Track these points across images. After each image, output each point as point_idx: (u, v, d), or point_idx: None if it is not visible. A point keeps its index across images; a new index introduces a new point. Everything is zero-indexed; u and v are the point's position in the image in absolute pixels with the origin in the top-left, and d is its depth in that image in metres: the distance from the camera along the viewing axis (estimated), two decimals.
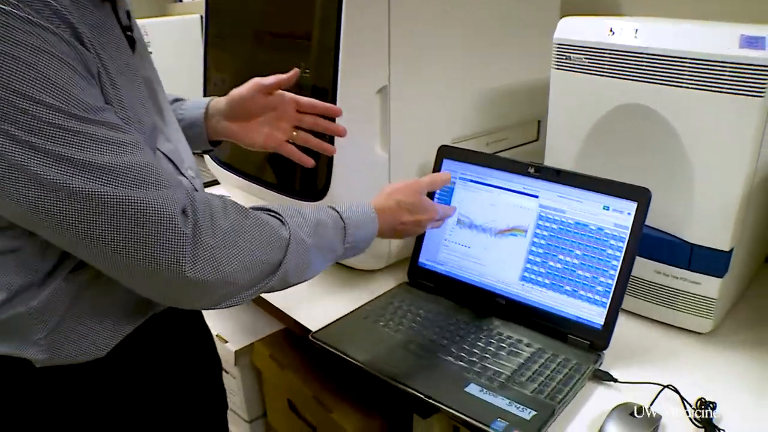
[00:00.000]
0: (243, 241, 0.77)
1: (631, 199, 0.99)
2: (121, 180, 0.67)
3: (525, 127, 1.43)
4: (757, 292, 1.20)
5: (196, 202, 0.74)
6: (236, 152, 1.36)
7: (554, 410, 0.88)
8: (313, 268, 0.87)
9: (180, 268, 0.71)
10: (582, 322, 1.02)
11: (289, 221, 0.84)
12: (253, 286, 0.79)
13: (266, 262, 0.80)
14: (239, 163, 1.37)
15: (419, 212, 1.03)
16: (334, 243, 0.89)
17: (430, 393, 0.92)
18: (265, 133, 1.08)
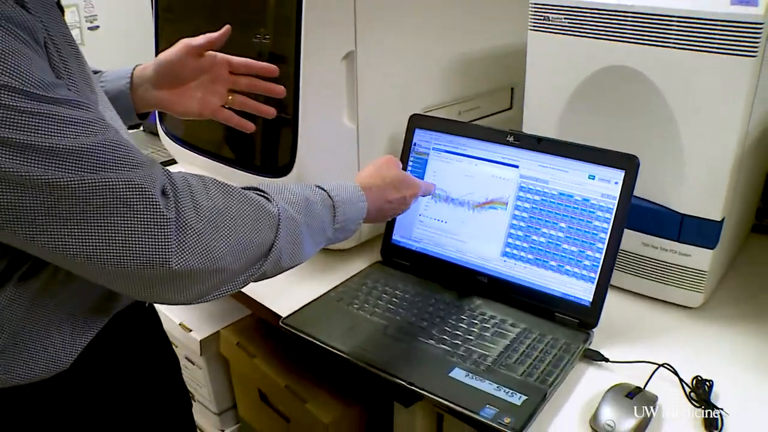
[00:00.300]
0: (230, 222, 0.69)
1: (618, 168, 0.93)
2: (88, 163, 0.59)
3: (498, 94, 1.36)
4: (746, 263, 1.16)
5: (175, 180, 0.66)
6: (193, 128, 1.27)
7: (546, 394, 0.83)
8: (306, 250, 0.79)
9: (165, 258, 0.62)
10: (569, 299, 0.96)
11: (276, 198, 0.76)
12: (244, 271, 0.72)
13: (257, 243, 0.71)
14: (197, 140, 1.28)
15: (405, 188, 0.96)
16: (325, 223, 0.82)
17: (412, 380, 0.86)
18: (198, 98, 0.98)
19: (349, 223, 0.86)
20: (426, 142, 1.09)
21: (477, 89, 1.31)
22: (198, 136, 1.28)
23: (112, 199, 0.60)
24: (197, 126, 1.27)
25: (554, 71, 1.03)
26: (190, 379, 1.50)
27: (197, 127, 1.28)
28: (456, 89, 1.26)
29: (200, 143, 1.27)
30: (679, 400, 0.84)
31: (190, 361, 1.43)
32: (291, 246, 0.76)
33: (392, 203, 0.94)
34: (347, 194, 0.86)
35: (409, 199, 0.97)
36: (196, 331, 1.37)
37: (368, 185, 0.91)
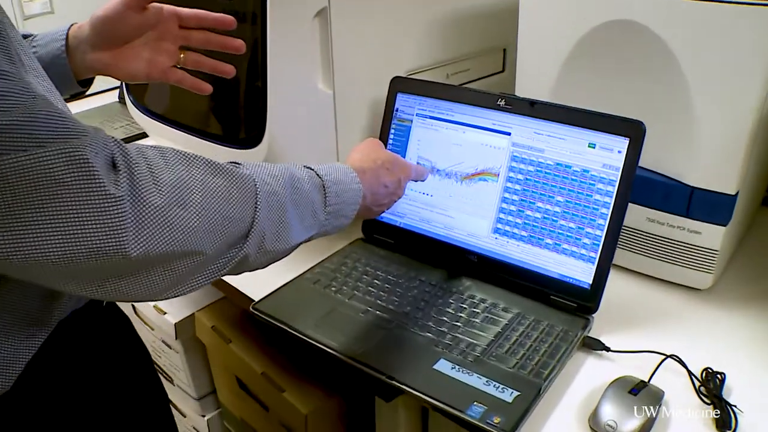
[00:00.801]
0: (198, 194, 0.58)
1: (621, 135, 0.83)
2: (11, 140, 0.48)
3: (489, 56, 1.26)
4: (756, 240, 1.06)
5: (128, 151, 0.55)
6: (161, 96, 1.17)
7: (540, 389, 0.74)
8: (294, 233, 0.68)
9: (120, 245, 0.52)
10: (567, 280, 0.87)
11: (253, 168, 0.66)
12: (223, 254, 0.61)
13: (234, 218, 0.61)
14: (164, 109, 1.18)
15: (398, 169, 0.86)
16: (315, 204, 0.71)
17: (392, 373, 0.77)
18: (145, 59, 0.86)
19: (344, 207, 0.75)
20: (409, 108, 1.00)
21: (466, 50, 1.20)
22: (165, 105, 1.17)
23: (45, 178, 0.49)
24: (164, 94, 1.18)
25: (549, 27, 0.93)
26: (168, 363, 1.42)
27: (164, 95, 1.18)
28: (444, 50, 1.16)
29: (168, 113, 1.16)
30: (687, 396, 0.76)
31: (166, 344, 1.35)
32: (275, 225, 0.65)
33: (388, 187, 0.84)
34: (338, 174, 0.76)
35: (403, 182, 0.88)
36: (170, 313, 1.28)
37: (360, 168, 0.80)
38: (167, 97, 1.17)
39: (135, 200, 0.53)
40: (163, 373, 1.47)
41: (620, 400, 0.72)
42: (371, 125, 1.06)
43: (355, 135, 1.06)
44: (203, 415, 1.41)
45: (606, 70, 0.90)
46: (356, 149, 0.88)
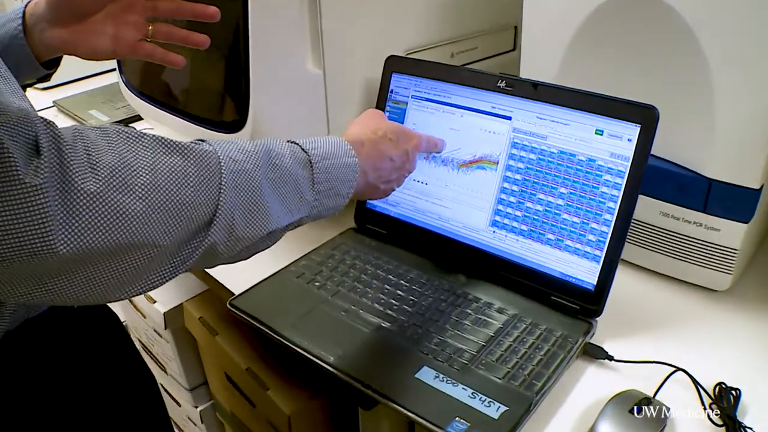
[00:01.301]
0: (146, 176, 0.50)
1: (632, 121, 0.74)
2: None
3: (499, 34, 1.17)
4: None
5: (59, 133, 0.48)
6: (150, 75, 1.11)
7: (531, 404, 0.67)
8: (273, 217, 0.60)
9: (44, 241, 0.45)
10: (569, 280, 0.80)
11: (219, 145, 0.57)
12: (182, 245, 0.53)
13: (189, 203, 0.52)
14: (152, 89, 1.12)
15: (404, 140, 0.76)
16: (300, 182, 0.62)
17: (369, 381, 0.70)
18: (109, 34, 0.78)
19: (337, 185, 0.66)
20: (405, 89, 0.92)
21: (474, 27, 1.11)
22: (156, 87, 1.11)
23: None
24: (155, 75, 1.11)
25: (556, 2, 0.84)
26: (160, 352, 1.37)
27: (155, 76, 1.12)
28: (448, 27, 1.07)
29: (158, 95, 1.10)
30: (696, 415, 0.68)
31: (157, 333, 1.30)
32: (247, 209, 0.57)
33: (394, 161, 0.74)
34: (328, 148, 0.66)
35: (412, 154, 0.77)
36: (160, 302, 1.23)
37: (358, 140, 0.71)
38: (158, 79, 1.11)
39: (64, 187, 0.46)
40: (157, 361, 1.42)
41: (619, 420, 0.65)
42: (366, 107, 0.99)
43: (348, 119, 0.97)
44: (196, 406, 1.36)
45: (616, 49, 0.81)
46: (354, 121, 0.79)
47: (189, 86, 1.00)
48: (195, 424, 1.42)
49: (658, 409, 0.66)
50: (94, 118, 1.52)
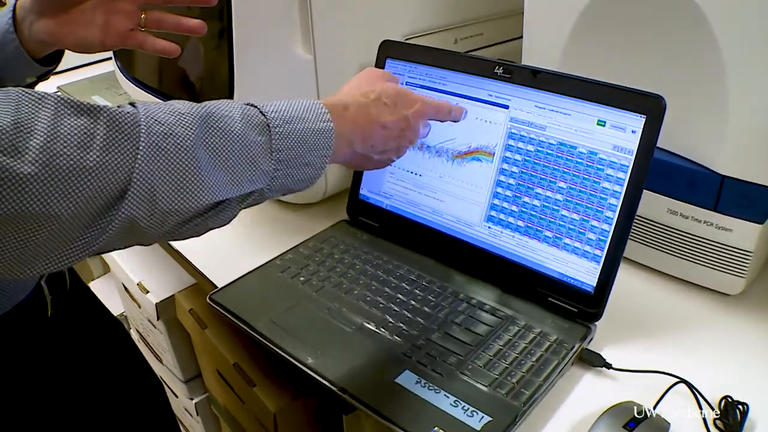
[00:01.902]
0: (39, 139, 0.44)
1: (636, 112, 0.69)
2: None
3: (506, 19, 1.11)
4: None
5: None
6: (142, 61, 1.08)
7: (517, 415, 0.62)
8: (216, 188, 0.51)
9: None
10: (567, 281, 0.74)
11: (144, 107, 0.50)
12: (90, 219, 0.46)
13: (94, 168, 0.45)
14: (143, 75, 1.08)
15: (403, 104, 0.66)
16: (254, 149, 0.54)
17: (345, 384, 0.66)
18: (99, 24, 0.72)
19: (304, 153, 0.57)
20: (399, 76, 0.87)
21: (479, 12, 1.06)
22: (149, 73, 1.08)
23: None
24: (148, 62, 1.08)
25: None
26: (155, 343, 1.34)
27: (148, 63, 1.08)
28: (451, 11, 1.02)
29: (151, 81, 1.06)
30: (699, 431, 0.62)
31: (152, 323, 1.27)
32: (173, 178, 0.49)
33: (388, 128, 0.64)
34: (294, 111, 0.57)
35: (413, 120, 0.66)
36: (152, 293, 1.20)
37: (340, 103, 0.62)
38: (149, 64, 1.07)
39: None
40: (153, 352, 1.39)
41: None
42: None
43: None
44: (191, 398, 1.33)
45: (623, 36, 0.75)
46: (348, 82, 0.70)
47: (177, 71, 0.96)
48: (191, 415, 1.39)
49: (658, 424, 0.61)
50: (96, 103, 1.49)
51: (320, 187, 0.98)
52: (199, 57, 0.91)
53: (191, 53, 0.92)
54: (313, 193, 0.99)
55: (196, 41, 0.90)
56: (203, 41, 0.89)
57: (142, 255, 1.29)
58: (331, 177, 0.97)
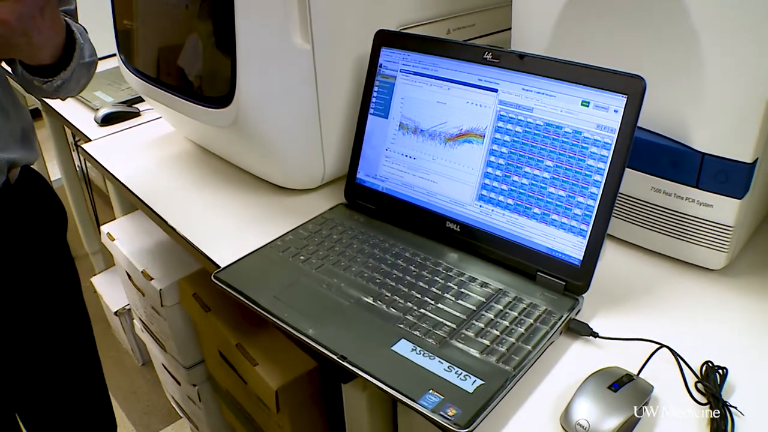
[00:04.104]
0: None
1: (618, 92, 0.72)
2: None
3: (497, 10, 1.15)
4: None
5: None
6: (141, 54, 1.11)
7: (507, 379, 0.65)
8: None
9: None
10: (555, 255, 0.78)
11: None
12: None
13: None
14: (144, 65, 1.11)
15: None
16: None
17: (345, 352, 0.69)
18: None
19: None
20: (393, 63, 0.90)
21: (470, 3, 1.10)
22: (151, 65, 1.11)
23: None
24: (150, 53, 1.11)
25: None
26: (158, 330, 1.37)
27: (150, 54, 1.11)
28: (443, 3, 1.05)
29: (152, 72, 1.09)
30: (680, 393, 0.66)
31: (155, 311, 1.30)
32: None
33: None
34: None
35: None
36: (156, 279, 1.23)
37: None
38: (152, 57, 1.10)
39: None
40: (157, 339, 1.42)
41: (598, 395, 0.63)
42: (355, 83, 0.98)
43: (339, 94, 0.97)
44: (194, 385, 1.36)
45: (606, 21, 0.79)
46: None
47: (180, 62, 0.99)
48: (194, 402, 1.42)
49: (641, 386, 0.64)
50: (98, 99, 1.53)
51: (318, 173, 1.01)
52: (201, 47, 0.94)
53: (194, 44, 0.95)
54: (311, 178, 1.02)
55: (200, 31, 0.94)
56: (206, 32, 0.93)
57: (146, 244, 1.33)
58: (329, 163, 1.01)
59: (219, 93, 0.92)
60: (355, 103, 0.98)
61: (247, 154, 1.06)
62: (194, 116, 0.99)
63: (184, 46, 0.98)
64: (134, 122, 1.46)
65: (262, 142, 0.96)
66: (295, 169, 1.01)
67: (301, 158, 0.99)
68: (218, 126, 0.96)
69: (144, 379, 2.11)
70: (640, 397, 0.63)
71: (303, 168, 1.00)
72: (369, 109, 0.93)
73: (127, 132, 1.39)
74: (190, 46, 0.97)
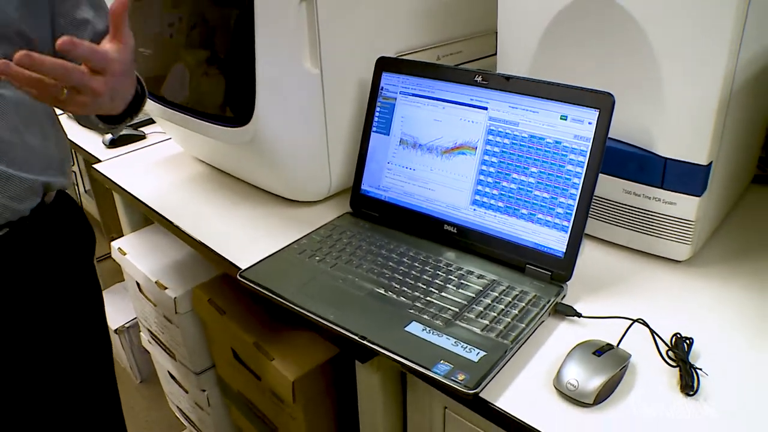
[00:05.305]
0: None
1: (591, 107, 0.85)
2: None
3: (481, 39, 1.28)
4: (744, 215, 1.08)
5: None
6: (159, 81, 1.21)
7: (506, 351, 0.76)
8: None
9: None
10: (541, 249, 0.90)
11: None
12: None
13: None
14: (161, 91, 1.22)
15: None
16: None
17: (364, 333, 0.80)
18: None
19: None
20: (393, 86, 1.02)
21: (457, 32, 1.23)
22: (168, 89, 1.21)
23: None
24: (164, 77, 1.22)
25: (527, 4, 0.95)
26: (169, 339, 1.46)
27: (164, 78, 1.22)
28: (434, 32, 1.18)
29: (169, 95, 1.20)
30: (654, 359, 0.78)
31: (167, 319, 1.39)
32: None
33: None
34: None
35: None
36: (170, 288, 1.33)
37: None
38: (169, 83, 1.21)
39: None
40: (166, 348, 1.51)
41: (584, 360, 0.74)
42: (359, 104, 1.10)
43: (344, 113, 1.09)
44: (203, 390, 1.45)
45: (579, 47, 0.92)
46: None
47: (199, 87, 1.10)
48: (202, 408, 1.51)
49: (621, 353, 0.76)
50: None
51: (325, 186, 1.13)
52: (220, 74, 1.05)
53: (213, 71, 1.06)
54: (318, 191, 1.14)
55: (219, 60, 1.05)
56: (225, 60, 1.04)
57: (156, 257, 1.42)
58: (335, 176, 1.12)
59: (238, 113, 1.03)
60: (358, 121, 1.09)
61: (258, 169, 1.17)
62: (212, 135, 1.10)
63: (203, 73, 1.09)
64: (140, 144, 1.56)
65: (275, 157, 1.07)
66: (304, 182, 1.12)
67: (310, 172, 1.10)
68: (236, 143, 1.07)
69: (142, 395, 2.18)
70: (620, 361, 0.75)
71: (311, 181, 1.12)
72: (372, 127, 1.05)
73: (135, 153, 1.50)
74: (209, 73, 1.08)
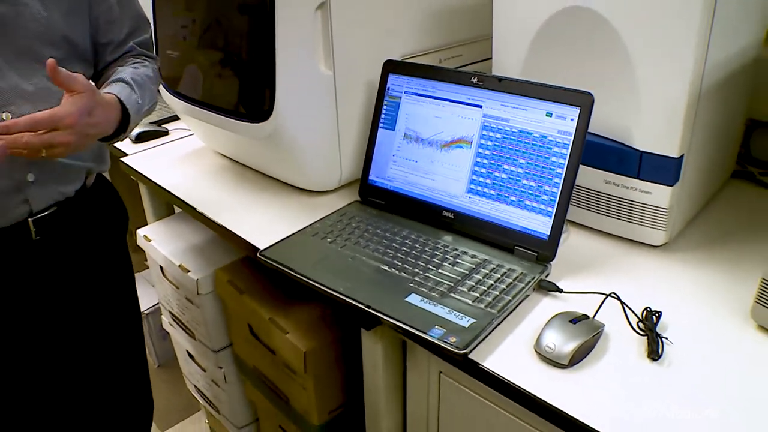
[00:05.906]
0: None
1: (573, 105, 0.96)
2: None
3: (480, 43, 1.39)
4: (721, 207, 1.18)
5: None
6: (184, 82, 1.33)
7: (493, 318, 0.87)
8: None
9: None
10: (528, 232, 1.00)
11: None
12: None
13: None
14: (187, 89, 1.33)
15: None
16: None
17: (369, 302, 0.91)
18: None
19: None
20: (398, 87, 1.13)
21: (458, 38, 1.34)
22: (193, 89, 1.32)
23: None
24: (192, 81, 1.33)
25: (518, 13, 1.06)
26: (190, 319, 1.57)
27: (192, 82, 1.33)
28: (436, 37, 1.29)
29: (195, 95, 1.31)
30: (626, 330, 0.87)
31: (189, 301, 1.50)
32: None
33: None
34: None
35: None
36: (193, 271, 1.44)
37: None
38: (197, 83, 1.32)
39: None
40: (186, 329, 1.62)
41: (561, 327, 0.85)
42: (367, 102, 1.21)
43: (353, 110, 1.20)
44: (220, 367, 1.56)
45: (564, 51, 1.03)
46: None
47: (223, 86, 1.21)
48: (218, 385, 1.62)
49: (595, 323, 0.86)
50: None
51: (336, 177, 1.24)
52: (244, 74, 1.17)
53: (237, 71, 1.18)
54: (330, 181, 1.25)
55: (242, 62, 1.16)
56: (248, 62, 1.15)
57: (179, 243, 1.53)
58: (345, 168, 1.23)
59: (258, 110, 1.14)
60: (367, 118, 1.21)
61: (275, 162, 1.28)
62: (235, 130, 1.21)
63: (227, 73, 1.20)
64: (163, 140, 1.68)
65: (291, 150, 1.18)
66: (318, 173, 1.23)
67: (323, 164, 1.21)
68: (256, 138, 1.18)
69: (160, 378, 2.30)
70: (594, 329, 0.85)
71: (324, 172, 1.23)
72: (379, 123, 1.16)
73: (159, 148, 1.61)
74: (233, 74, 1.19)
